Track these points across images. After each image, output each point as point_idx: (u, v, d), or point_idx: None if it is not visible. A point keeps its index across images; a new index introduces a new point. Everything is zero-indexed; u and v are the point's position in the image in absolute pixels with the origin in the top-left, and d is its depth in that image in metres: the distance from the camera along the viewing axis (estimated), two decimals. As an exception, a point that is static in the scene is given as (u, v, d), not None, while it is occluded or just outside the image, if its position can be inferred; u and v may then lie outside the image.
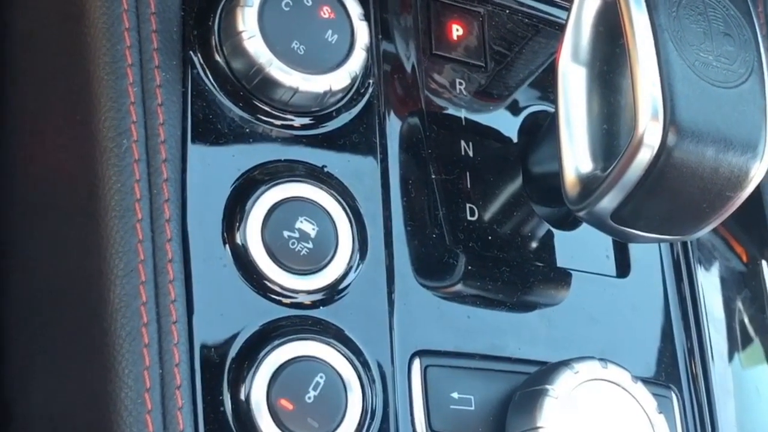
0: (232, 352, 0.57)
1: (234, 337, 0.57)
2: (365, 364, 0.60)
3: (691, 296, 0.74)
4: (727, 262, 0.80)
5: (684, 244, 0.76)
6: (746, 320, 0.79)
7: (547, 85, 0.75)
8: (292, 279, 0.59)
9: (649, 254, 0.74)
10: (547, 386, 0.61)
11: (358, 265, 0.62)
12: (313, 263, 0.60)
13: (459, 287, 0.66)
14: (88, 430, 0.57)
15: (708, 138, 0.59)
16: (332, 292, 0.60)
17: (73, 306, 0.59)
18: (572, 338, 0.68)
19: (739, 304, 0.79)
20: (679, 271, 0.75)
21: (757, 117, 0.61)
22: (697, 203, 0.62)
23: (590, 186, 0.63)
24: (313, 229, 0.60)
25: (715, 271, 0.79)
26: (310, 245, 0.60)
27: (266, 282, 0.58)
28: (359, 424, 0.58)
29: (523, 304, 0.68)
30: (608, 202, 0.62)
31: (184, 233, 0.58)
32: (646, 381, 0.66)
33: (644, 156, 0.59)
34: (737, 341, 0.77)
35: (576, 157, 0.64)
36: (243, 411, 0.56)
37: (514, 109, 0.74)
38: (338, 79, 0.62)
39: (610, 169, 0.61)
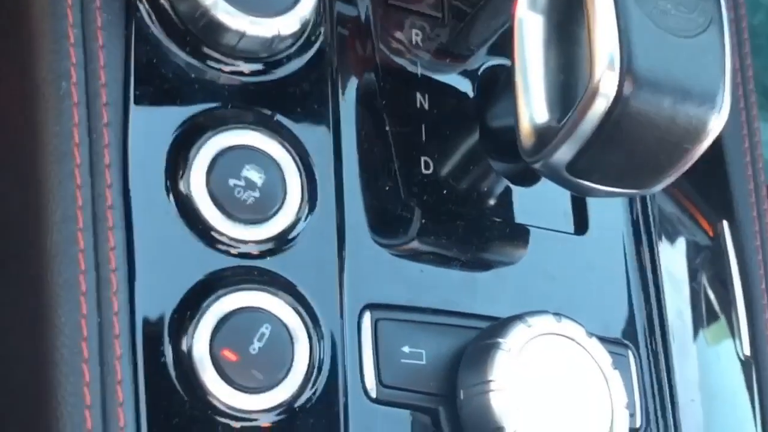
0: (174, 302, 0.55)
1: (176, 287, 0.55)
2: (313, 316, 0.58)
3: (650, 256, 0.73)
4: (688, 230, 0.79)
5: (644, 204, 0.75)
6: (706, 284, 0.78)
7: (507, 41, 0.74)
8: (238, 228, 0.57)
9: (607, 212, 0.73)
10: (499, 339, 0.60)
11: (307, 216, 0.60)
12: (260, 213, 0.58)
13: (412, 241, 0.65)
14: (25, 375, 0.55)
15: (665, 88, 0.58)
16: (280, 243, 0.59)
17: (11, 253, 0.57)
18: (528, 294, 0.66)
19: (700, 268, 0.78)
20: (638, 230, 0.74)
21: (716, 68, 0.60)
22: (654, 155, 0.60)
23: (545, 137, 0.61)
24: (260, 177, 0.59)
25: (676, 237, 0.78)
26: (257, 194, 0.58)
27: (211, 231, 0.57)
28: (306, 376, 0.56)
29: (478, 259, 0.66)
30: (563, 154, 0.60)
31: (125, 180, 0.56)
32: (602, 339, 0.65)
33: (600, 106, 0.58)
34: (697, 302, 0.77)
35: (532, 107, 0.62)
36: (185, 362, 0.54)
37: (472, 63, 0.72)
38: (287, 24, 0.60)
39: (565, 120, 0.60)
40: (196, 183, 0.57)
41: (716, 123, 0.60)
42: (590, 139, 0.59)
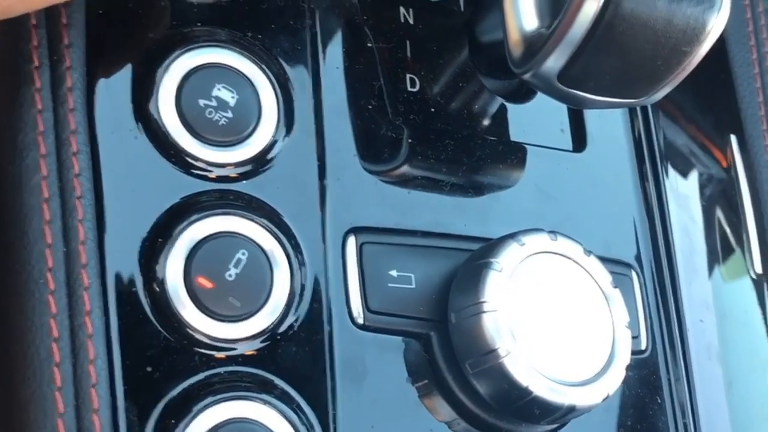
0: (145, 229, 0.52)
1: (146, 213, 0.53)
2: (293, 241, 0.55)
3: (653, 172, 0.70)
4: (694, 145, 0.76)
5: (645, 118, 0.72)
6: (714, 201, 0.75)
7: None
8: (211, 151, 0.54)
9: (607, 128, 0.69)
10: (491, 259, 0.57)
11: (285, 137, 0.57)
12: (233, 134, 0.55)
13: (399, 161, 0.61)
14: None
15: (660, -15, 0.55)
16: (256, 166, 0.56)
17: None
18: (523, 214, 0.63)
19: (708, 185, 0.75)
20: (640, 146, 0.70)
21: (715, -36, 0.57)
22: (650, 60, 0.57)
23: (535, 45, 0.58)
24: (233, 97, 0.55)
25: (681, 153, 0.74)
26: (230, 114, 0.55)
27: (182, 154, 0.54)
28: (287, 303, 0.54)
29: (469, 179, 0.63)
30: (554, 62, 0.57)
31: (89, 103, 0.54)
32: (603, 259, 0.62)
33: (590, 8, 0.54)
34: (705, 220, 0.73)
35: (520, 14, 0.58)
36: (157, 291, 0.52)
37: (459, -26, 0.69)
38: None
39: (554, 25, 0.57)
40: (165, 105, 0.54)
41: (717, 23, 0.56)
42: (581, 44, 0.56)
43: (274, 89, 0.57)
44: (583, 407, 0.56)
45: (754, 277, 0.73)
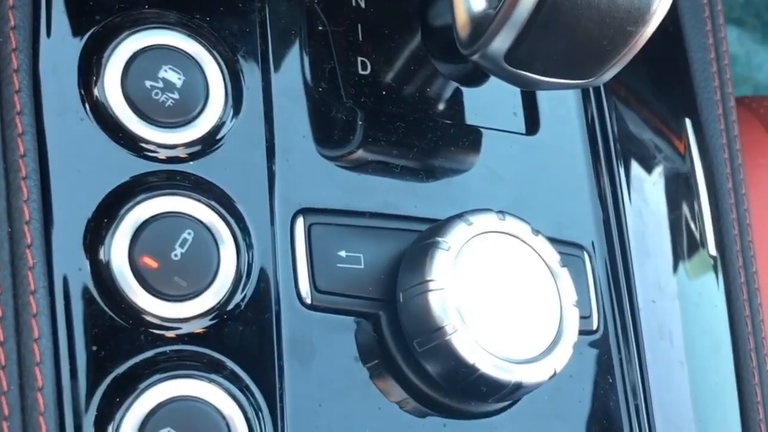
0: (90, 209, 0.53)
1: (92, 194, 0.53)
2: (240, 221, 0.56)
3: (606, 155, 0.70)
4: (648, 129, 0.76)
5: (599, 102, 0.72)
6: (669, 183, 0.75)
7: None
8: (157, 132, 0.54)
9: (560, 112, 0.69)
10: (438, 238, 0.57)
11: (233, 118, 0.57)
12: (180, 115, 0.55)
13: (350, 143, 0.62)
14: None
15: (603, -35, 0.55)
16: (204, 146, 0.56)
17: None
18: (475, 196, 0.63)
19: (662, 166, 0.75)
20: (593, 129, 0.71)
21: (659, -56, 0.58)
22: (596, 40, 0.57)
23: (482, 26, 0.58)
24: (179, 78, 0.56)
25: (635, 136, 0.74)
26: (176, 96, 0.55)
27: (128, 135, 0.54)
28: (234, 282, 0.54)
29: (420, 161, 0.63)
30: (500, 42, 0.57)
31: (35, 85, 0.54)
32: (554, 240, 0.63)
33: (535, -13, 0.56)
34: (659, 202, 0.74)
35: (467, -5, 0.60)
36: (103, 271, 0.52)
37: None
38: None
39: (500, 5, 0.58)
40: (111, 86, 0.54)
41: (662, 3, 0.57)
42: (527, 24, 0.56)
43: (222, 71, 0.57)
44: (530, 384, 0.57)
45: (708, 259, 0.73)
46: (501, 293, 0.58)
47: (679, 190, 0.74)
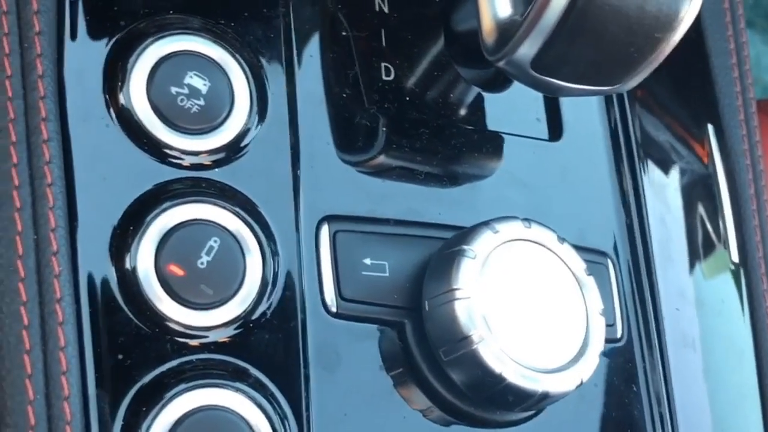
0: (116, 216, 0.52)
1: (118, 201, 0.53)
2: (266, 229, 0.55)
3: (629, 162, 0.70)
4: (671, 136, 0.76)
5: (622, 108, 0.71)
6: (692, 190, 0.75)
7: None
8: (183, 138, 0.54)
9: (583, 117, 0.69)
10: (464, 246, 0.57)
11: (258, 125, 0.57)
12: (206, 121, 0.55)
13: (374, 150, 0.61)
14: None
15: (631, -28, 0.55)
16: (229, 153, 0.56)
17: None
18: (498, 203, 0.63)
19: (685, 174, 0.75)
20: (616, 136, 0.71)
21: (687, -49, 0.57)
22: (623, 46, 0.57)
23: (508, 32, 0.58)
24: (205, 84, 0.55)
25: (658, 143, 0.74)
26: (202, 102, 0.55)
27: (153, 142, 0.54)
28: (260, 291, 0.54)
29: (444, 168, 0.63)
30: (527, 49, 0.57)
31: (60, 91, 0.54)
32: (578, 247, 0.62)
33: (563, -6, 0.55)
34: (682, 209, 0.73)
35: (494, 1, 0.59)
36: (129, 278, 0.52)
37: (434, -38, 0.69)
38: None
39: (527, 12, 0.57)
40: (136, 92, 0.54)
41: (690, 9, 0.56)
42: (554, 30, 0.56)
43: (247, 77, 0.57)
44: (557, 394, 0.56)
45: (731, 266, 0.73)
46: (527, 302, 0.58)
47: (701, 196, 0.74)
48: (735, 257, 0.73)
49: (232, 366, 0.53)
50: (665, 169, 0.73)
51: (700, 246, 0.72)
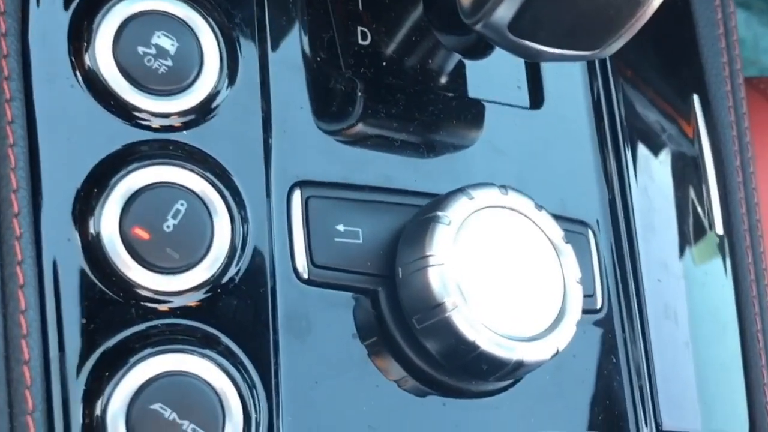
0: (80, 179, 0.51)
1: (82, 163, 0.51)
2: (235, 193, 0.54)
3: (612, 131, 0.69)
4: (655, 106, 0.74)
5: (605, 77, 0.70)
6: (676, 161, 0.74)
7: None
8: (149, 100, 0.53)
9: (565, 86, 0.68)
10: (439, 213, 0.56)
11: (228, 87, 0.55)
12: (174, 82, 0.53)
13: (349, 115, 0.60)
14: None
15: (611, -68, 0.54)
16: (198, 115, 0.54)
17: None
18: (476, 171, 0.62)
19: (669, 144, 0.74)
20: (598, 105, 0.69)
21: None
22: (602, 9, 0.55)
23: (485, -6, 0.58)
24: (173, 45, 0.54)
25: (641, 113, 0.73)
26: (170, 63, 0.53)
27: (120, 103, 0.52)
28: (228, 256, 0.52)
29: (422, 134, 0.62)
30: (504, 11, 0.56)
31: (25, 50, 0.52)
32: (558, 217, 0.61)
33: (540, -46, 0.54)
34: (666, 180, 0.72)
35: (470, -37, 0.58)
36: (93, 242, 0.50)
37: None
38: None
39: (504, -28, 0.56)
40: (102, 53, 0.53)
41: (670, -28, 0.56)
42: (531, -8, 0.55)
43: (217, 38, 0.55)
44: (532, 363, 0.55)
45: (715, 238, 0.72)
46: (503, 269, 0.56)
47: (686, 168, 0.73)
48: (720, 229, 0.72)
49: (199, 332, 0.52)
50: (649, 140, 0.72)
51: (684, 218, 0.71)
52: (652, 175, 0.71)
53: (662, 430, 0.63)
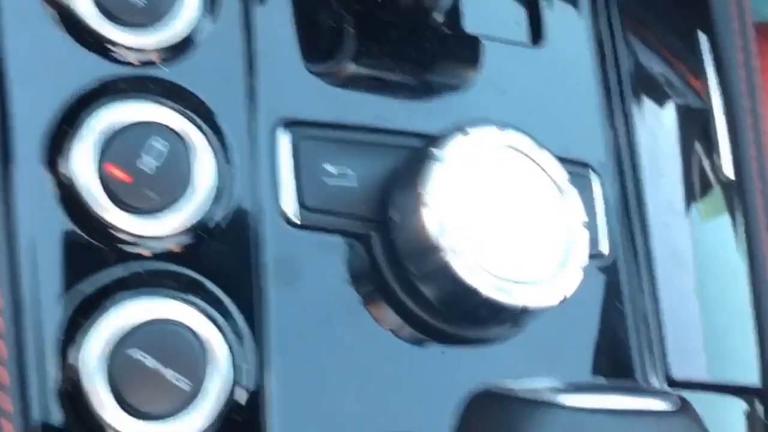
0: (54, 115, 0.48)
1: (54, 99, 0.48)
2: (219, 132, 0.51)
3: (616, 69, 0.66)
4: (661, 43, 0.72)
5: (607, 15, 0.67)
6: (684, 100, 0.71)
7: None
8: (125, 33, 0.49)
9: (566, 23, 0.65)
10: (434, 151, 0.54)
11: (210, 21, 0.52)
12: (151, 14, 0.50)
13: (340, 53, 0.57)
14: None
15: None
16: (177, 50, 0.51)
17: None
18: (474, 110, 0.58)
19: (676, 85, 0.71)
20: (601, 42, 0.66)
21: None
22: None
23: None
24: (149, -25, 0.52)
25: (647, 50, 0.70)
26: None
27: (94, 36, 0.49)
28: (212, 198, 0.49)
29: (417, 72, 0.59)
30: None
31: None
32: (561, 159, 0.58)
33: None
34: (673, 121, 0.69)
35: None
36: (67, 182, 0.47)
37: None
38: None
39: None
40: (75, -17, 0.51)
41: None
42: None
43: None
44: (536, 309, 0.52)
45: (725, 181, 0.69)
46: (504, 211, 0.53)
47: (693, 110, 0.70)
48: (729, 173, 0.69)
49: (183, 278, 0.49)
50: (654, 80, 0.69)
51: (693, 160, 0.68)
52: (659, 117, 0.68)
53: (672, 379, 0.61)
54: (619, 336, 0.60)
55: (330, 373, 0.52)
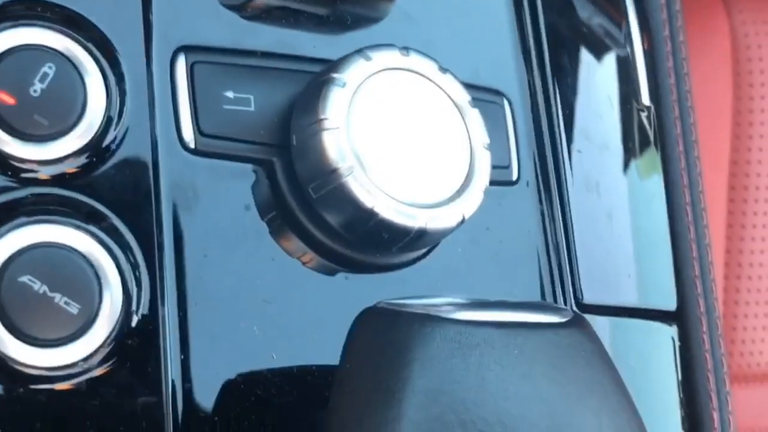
0: None
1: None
2: (110, 55, 0.50)
3: (530, 2, 0.66)
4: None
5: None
6: (599, 30, 0.70)
7: None
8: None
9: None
10: (334, 75, 0.53)
11: None
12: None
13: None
14: None
15: None
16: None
17: None
18: (381, 36, 0.57)
19: (592, 16, 0.70)
20: None
21: None
22: None
23: None
24: None
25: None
26: None
27: None
28: (103, 123, 0.48)
29: (328, 2, 0.59)
30: None
31: None
32: (470, 86, 0.58)
33: None
34: (588, 50, 0.69)
35: None
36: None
37: None
38: None
39: None
40: None
41: None
42: None
43: None
44: (436, 231, 0.52)
45: (641, 108, 0.69)
46: (404, 134, 0.53)
47: (610, 33, 0.70)
48: (646, 99, 0.69)
49: (73, 202, 0.48)
50: (571, 10, 0.69)
51: (609, 87, 0.68)
52: (574, 46, 0.67)
53: (582, 303, 0.61)
54: (528, 261, 0.60)
55: (230, 299, 0.52)
